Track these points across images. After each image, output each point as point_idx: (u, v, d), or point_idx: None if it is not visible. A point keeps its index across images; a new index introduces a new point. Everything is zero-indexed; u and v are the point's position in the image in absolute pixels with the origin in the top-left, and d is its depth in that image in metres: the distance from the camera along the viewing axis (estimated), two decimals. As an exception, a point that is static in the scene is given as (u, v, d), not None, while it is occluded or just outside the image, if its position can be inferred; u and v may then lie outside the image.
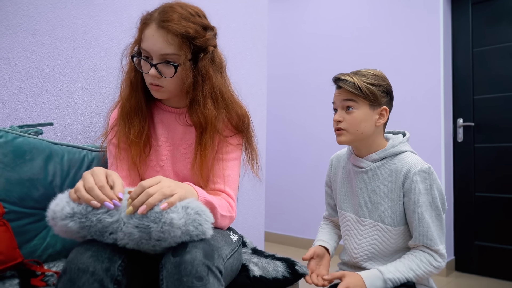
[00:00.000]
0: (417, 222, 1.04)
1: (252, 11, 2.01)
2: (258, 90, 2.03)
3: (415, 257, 1.04)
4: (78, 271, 0.79)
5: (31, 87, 1.26)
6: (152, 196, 0.81)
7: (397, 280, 1.00)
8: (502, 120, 2.61)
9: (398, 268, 1.02)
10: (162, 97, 1.07)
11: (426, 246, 1.04)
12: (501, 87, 2.62)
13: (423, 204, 1.04)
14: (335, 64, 3.27)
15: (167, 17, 0.99)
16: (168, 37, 0.98)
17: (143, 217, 0.80)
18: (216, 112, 1.07)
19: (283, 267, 1.25)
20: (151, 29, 0.99)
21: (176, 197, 0.83)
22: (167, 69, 1.02)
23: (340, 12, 3.29)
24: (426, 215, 1.04)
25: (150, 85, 1.05)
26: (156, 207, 0.80)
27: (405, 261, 1.04)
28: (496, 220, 2.60)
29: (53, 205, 0.84)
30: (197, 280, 0.79)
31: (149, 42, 1.00)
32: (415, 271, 1.02)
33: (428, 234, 1.03)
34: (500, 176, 2.60)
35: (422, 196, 1.04)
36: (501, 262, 2.57)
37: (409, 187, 1.06)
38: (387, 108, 1.11)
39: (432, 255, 1.04)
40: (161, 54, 1.00)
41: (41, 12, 1.28)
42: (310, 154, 3.41)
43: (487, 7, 2.70)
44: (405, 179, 1.06)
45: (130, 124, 1.09)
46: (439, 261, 1.03)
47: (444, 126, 2.71)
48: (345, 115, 1.10)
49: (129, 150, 1.10)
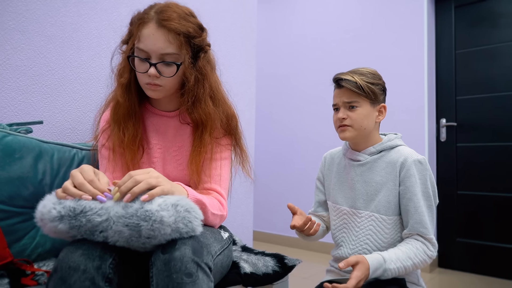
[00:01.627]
0: (413, 210, 1.07)
1: (241, 10, 2.02)
2: (247, 89, 2.04)
3: (411, 246, 1.06)
4: (69, 270, 0.79)
5: (20, 85, 1.25)
6: (137, 185, 0.82)
7: (396, 271, 1.01)
8: (484, 120, 2.68)
9: (398, 256, 1.03)
10: (157, 96, 1.07)
11: (421, 234, 1.07)
12: (482, 88, 2.70)
13: (418, 192, 1.08)
14: (321, 65, 3.31)
15: (167, 16, 0.99)
16: (169, 36, 0.99)
17: (132, 215, 0.80)
18: (215, 110, 1.10)
19: (273, 262, 1.27)
20: (150, 28, 0.99)
21: (159, 189, 0.83)
22: (167, 68, 1.03)
23: (326, 14, 3.33)
24: (421, 204, 1.07)
25: (147, 85, 1.04)
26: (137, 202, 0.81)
27: (403, 248, 1.05)
28: (477, 217, 2.68)
29: (40, 206, 0.83)
30: (186, 277, 0.80)
31: (148, 41, 0.99)
32: (412, 259, 1.03)
33: (423, 222, 1.06)
34: (482, 175, 2.68)
35: (418, 185, 1.08)
36: (482, 258, 2.64)
37: (405, 176, 1.09)
38: (385, 105, 1.17)
39: (425, 244, 1.06)
40: (162, 54, 1.00)
41: (30, 9, 1.27)
42: (297, 154, 3.44)
43: (469, 10, 2.77)
44: (401, 169, 1.11)
45: (124, 127, 1.08)
46: (432, 250, 1.06)
47: (427, 126, 2.77)
48: (348, 113, 1.13)
49: (123, 154, 1.10)
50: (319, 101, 3.31)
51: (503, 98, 2.61)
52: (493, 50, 2.66)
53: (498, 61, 2.63)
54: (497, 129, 2.63)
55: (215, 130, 1.11)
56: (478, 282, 2.51)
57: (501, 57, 2.62)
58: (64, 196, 0.82)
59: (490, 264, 2.61)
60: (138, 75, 1.05)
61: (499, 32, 2.64)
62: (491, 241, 2.62)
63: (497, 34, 2.65)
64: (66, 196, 0.83)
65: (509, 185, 2.56)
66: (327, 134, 3.19)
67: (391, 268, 1.00)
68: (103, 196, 0.82)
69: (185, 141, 1.17)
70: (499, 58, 2.63)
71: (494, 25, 2.66)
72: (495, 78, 2.64)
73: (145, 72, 1.02)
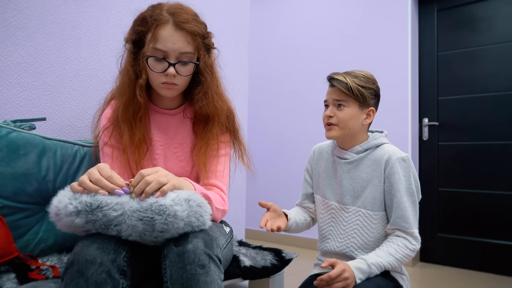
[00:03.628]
0: (396, 205, 1.13)
1: (235, 10, 2.06)
2: (240, 88, 2.08)
3: (392, 243, 1.12)
4: (86, 263, 0.81)
5: (21, 81, 1.25)
6: (149, 185, 0.85)
7: (380, 264, 1.07)
8: (464, 120, 2.80)
9: (378, 254, 1.10)
10: (172, 95, 1.11)
11: (402, 229, 1.13)
12: (463, 89, 2.81)
13: (401, 189, 1.13)
14: (308, 65, 3.37)
15: (183, 18, 1.04)
16: (188, 37, 1.04)
17: (146, 209, 0.83)
18: (221, 105, 1.17)
19: (271, 256, 1.32)
20: (169, 30, 1.03)
21: (170, 185, 0.87)
22: (183, 67, 1.07)
23: (313, 15, 3.39)
24: (404, 199, 1.13)
25: (163, 84, 1.07)
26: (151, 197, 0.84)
27: (383, 247, 1.12)
28: (457, 213, 2.80)
29: (55, 202, 0.85)
30: (200, 268, 0.84)
31: (168, 42, 1.02)
32: (393, 255, 1.10)
33: (404, 217, 1.12)
34: (462, 173, 2.79)
35: (401, 182, 1.14)
36: (462, 253, 2.76)
37: (390, 173, 1.15)
38: (374, 109, 1.21)
39: (407, 238, 1.12)
40: (181, 53, 1.04)
41: (30, 6, 1.27)
42: (283, 154, 3.50)
43: (451, 14, 2.89)
44: (386, 166, 1.16)
45: (135, 126, 1.11)
46: (414, 244, 1.13)
47: (411, 125, 2.87)
48: (336, 111, 1.18)
49: (130, 152, 1.12)
50: (308, 101, 3.37)
51: (483, 99, 2.73)
52: (474, 52, 2.77)
53: (478, 64, 2.75)
54: (477, 128, 2.74)
55: (220, 123, 1.18)
56: (458, 275, 2.62)
57: (481, 59, 2.74)
58: (81, 190, 0.85)
59: (470, 258, 2.73)
60: (153, 75, 1.07)
61: (479, 36, 2.76)
62: (470, 236, 2.74)
63: (477, 37, 2.76)
64: (84, 190, 0.85)
65: (488, 182, 2.68)
66: (314, 133, 3.26)
67: (373, 262, 1.07)
68: (121, 190, 0.85)
69: (185, 138, 1.20)
70: (479, 61, 2.75)
71: (474, 29, 2.78)
72: (475, 79, 2.76)
73: (162, 72, 1.05)
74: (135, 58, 1.09)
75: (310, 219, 1.36)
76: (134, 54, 1.09)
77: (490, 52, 2.71)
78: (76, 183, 0.87)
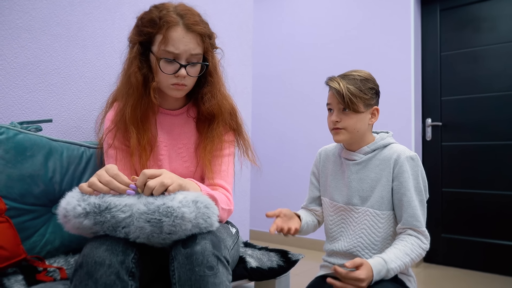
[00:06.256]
0: (407, 204, 1.12)
1: (238, 11, 2.06)
2: (243, 89, 2.08)
3: (406, 242, 1.11)
4: (95, 264, 0.81)
5: (27, 83, 1.25)
6: (154, 189, 0.85)
7: (398, 269, 1.06)
8: (468, 120, 2.79)
9: (397, 255, 1.07)
10: (181, 95, 1.12)
11: (414, 228, 1.12)
12: (466, 89, 2.81)
13: (411, 188, 1.13)
14: (311, 65, 3.37)
15: (193, 20, 1.04)
16: (198, 39, 1.06)
17: (154, 211, 0.83)
18: (225, 103, 1.18)
19: (277, 257, 1.31)
20: (180, 32, 1.03)
21: (176, 185, 0.88)
22: (192, 68, 1.08)
23: (316, 15, 3.39)
24: (414, 198, 1.13)
25: (173, 85, 1.08)
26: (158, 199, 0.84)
27: (399, 246, 1.10)
28: (461, 213, 2.79)
29: (64, 203, 0.85)
30: (208, 270, 0.84)
31: (180, 44, 1.03)
32: (410, 255, 1.09)
33: (416, 216, 1.12)
34: (466, 173, 2.79)
35: (411, 180, 1.13)
36: (466, 253, 2.75)
37: (399, 172, 1.15)
38: (378, 108, 1.20)
39: (419, 237, 1.12)
40: (191, 54, 1.06)
41: (36, 8, 1.27)
42: (287, 154, 3.49)
43: (454, 14, 2.88)
44: (395, 165, 1.16)
45: (142, 129, 1.11)
46: (425, 243, 1.12)
47: (414, 125, 2.87)
48: (342, 116, 1.17)
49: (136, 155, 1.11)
50: (311, 101, 3.37)
51: (486, 99, 2.72)
52: (477, 52, 2.77)
53: (481, 63, 2.75)
54: (480, 128, 2.74)
55: (224, 122, 1.19)
56: (462, 276, 2.61)
57: (484, 59, 2.73)
58: (91, 191, 0.85)
59: (474, 259, 2.72)
60: (163, 76, 1.07)
61: (482, 36, 2.75)
62: (474, 237, 2.73)
63: (481, 37, 2.76)
64: (93, 192, 0.85)
65: (492, 182, 2.67)
66: (318, 133, 3.26)
67: (393, 267, 1.04)
68: (131, 189, 0.86)
69: (189, 139, 1.20)
70: (482, 61, 2.74)
71: (477, 29, 2.77)
72: (479, 79, 2.75)
73: (172, 73, 1.06)
74: (141, 59, 1.08)
75: (317, 221, 1.36)
76: (141, 55, 1.08)
77: (494, 52, 2.70)
78: (85, 184, 0.87)
